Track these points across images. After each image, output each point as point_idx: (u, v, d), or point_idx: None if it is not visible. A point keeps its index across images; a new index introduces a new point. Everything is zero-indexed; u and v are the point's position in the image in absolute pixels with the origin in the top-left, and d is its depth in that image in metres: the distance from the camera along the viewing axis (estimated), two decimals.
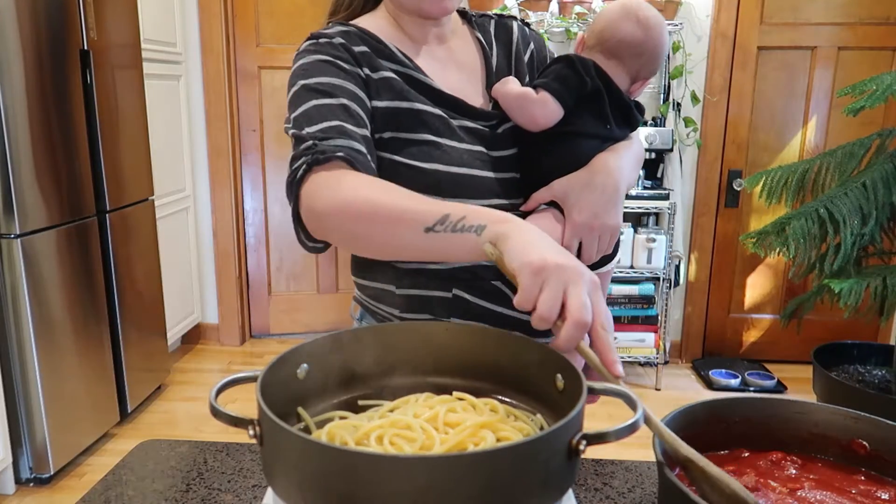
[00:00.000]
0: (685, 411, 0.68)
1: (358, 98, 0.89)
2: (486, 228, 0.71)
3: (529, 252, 0.66)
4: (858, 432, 0.67)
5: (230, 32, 3.38)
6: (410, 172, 0.91)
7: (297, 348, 0.72)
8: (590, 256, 0.93)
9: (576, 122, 0.94)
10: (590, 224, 0.91)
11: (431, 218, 0.73)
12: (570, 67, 0.94)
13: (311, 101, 0.87)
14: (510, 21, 1.08)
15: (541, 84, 0.94)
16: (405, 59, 0.95)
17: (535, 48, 1.07)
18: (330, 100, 0.86)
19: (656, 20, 0.96)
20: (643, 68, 0.97)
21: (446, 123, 0.94)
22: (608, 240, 0.93)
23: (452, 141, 0.93)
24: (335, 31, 0.94)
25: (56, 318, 2.30)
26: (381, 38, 0.95)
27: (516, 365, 0.76)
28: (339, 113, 0.85)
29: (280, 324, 3.74)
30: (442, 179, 0.91)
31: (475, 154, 0.94)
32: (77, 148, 2.39)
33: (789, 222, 2.27)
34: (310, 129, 0.84)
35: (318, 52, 0.91)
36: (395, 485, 0.52)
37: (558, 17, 3.03)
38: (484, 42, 1.03)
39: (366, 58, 0.92)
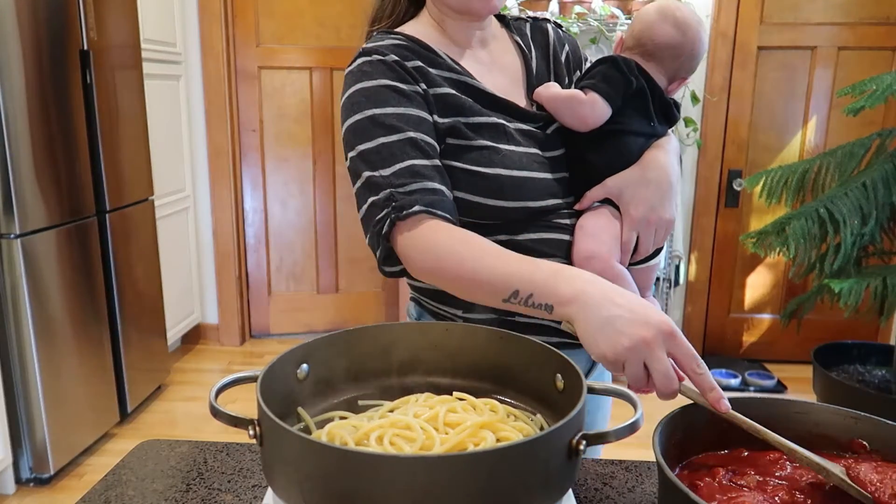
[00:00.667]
0: (685, 411, 0.68)
1: (423, 123, 0.90)
2: (554, 309, 0.76)
3: (599, 343, 0.71)
4: (858, 432, 0.67)
5: (230, 32, 3.38)
6: (472, 178, 0.92)
7: (297, 348, 0.72)
8: (647, 249, 0.97)
9: (622, 121, 0.96)
10: (647, 218, 0.94)
11: (504, 292, 0.79)
12: (615, 68, 0.96)
13: (378, 137, 0.88)
14: (545, 23, 1.09)
15: (589, 85, 0.96)
16: (456, 65, 0.96)
17: (571, 49, 1.09)
18: (397, 136, 0.88)
19: (694, 20, 0.97)
20: (681, 68, 1.00)
21: (503, 128, 0.95)
22: (663, 233, 0.97)
23: (510, 145, 0.94)
24: (387, 46, 0.93)
25: (56, 318, 2.30)
26: (431, 46, 0.96)
27: (516, 365, 0.76)
28: (408, 150, 0.87)
29: (280, 324, 3.74)
30: (504, 183, 0.92)
31: (532, 156, 0.95)
32: (77, 148, 2.39)
33: (789, 222, 2.27)
34: (384, 173, 0.87)
35: (375, 74, 0.91)
36: (395, 485, 0.52)
37: (558, 16, 3.03)
38: (523, 45, 1.04)
39: (421, 73, 0.93)
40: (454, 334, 0.79)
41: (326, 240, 3.67)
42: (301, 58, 3.44)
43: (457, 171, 0.92)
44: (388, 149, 0.88)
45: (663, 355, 0.68)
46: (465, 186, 0.91)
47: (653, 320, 0.69)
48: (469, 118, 0.93)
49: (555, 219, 0.96)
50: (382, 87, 0.90)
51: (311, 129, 3.54)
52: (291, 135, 3.54)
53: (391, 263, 0.91)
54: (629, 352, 0.69)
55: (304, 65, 3.46)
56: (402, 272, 0.92)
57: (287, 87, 3.48)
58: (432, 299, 1.01)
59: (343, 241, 3.69)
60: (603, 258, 0.92)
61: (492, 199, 0.91)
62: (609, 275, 0.90)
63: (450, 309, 0.99)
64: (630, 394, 0.67)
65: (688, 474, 0.66)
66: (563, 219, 0.96)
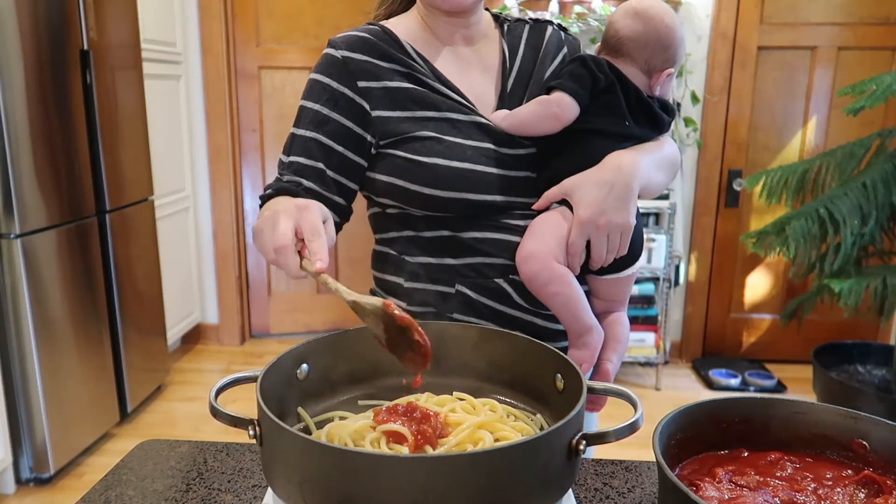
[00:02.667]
0: (685, 411, 0.68)
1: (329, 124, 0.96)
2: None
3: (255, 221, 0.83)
4: (858, 432, 0.67)
5: (230, 32, 3.38)
6: (410, 166, 0.93)
7: (297, 348, 0.73)
8: (600, 256, 0.92)
9: (590, 120, 0.94)
10: (595, 221, 0.90)
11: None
12: (582, 66, 0.96)
13: (296, 126, 0.99)
14: (545, 25, 1.09)
15: (555, 85, 0.95)
16: (419, 61, 0.98)
17: (569, 52, 1.08)
18: (301, 130, 0.97)
19: (656, 10, 0.96)
20: (652, 59, 0.97)
21: (452, 121, 0.96)
22: (618, 239, 0.92)
23: (457, 137, 0.94)
24: (345, 39, 0.99)
25: (56, 318, 2.30)
26: (402, 40, 0.98)
27: (516, 365, 0.76)
28: (303, 146, 0.97)
29: (280, 324, 3.74)
30: (440, 173, 0.92)
31: (481, 150, 0.95)
32: (77, 148, 2.39)
33: (789, 222, 2.27)
34: (283, 158, 0.99)
35: (320, 67, 0.99)
36: (395, 485, 0.52)
37: (559, 16, 3.03)
38: (507, 49, 1.04)
39: (368, 68, 0.97)
40: (454, 334, 0.79)
41: None
42: (301, 58, 3.44)
43: (398, 159, 0.95)
44: (292, 139, 0.99)
45: (288, 221, 0.74)
46: (404, 174, 0.94)
47: (295, 203, 0.77)
48: (417, 111, 0.96)
49: (505, 219, 0.95)
50: (316, 82, 0.98)
51: None
52: None
53: None
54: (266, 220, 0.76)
55: (304, 65, 3.45)
56: None
57: (287, 87, 3.48)
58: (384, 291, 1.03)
59: (343, 241, 3.69)
60: (540, 258, 0.89)
61: (427, 188, 0.93)
62: (544, 275, 0.89)
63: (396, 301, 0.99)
64: (630, 394, 0.67)
65: (688, 474, 0.66)
66: (515, 220, 0.95)
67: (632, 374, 3.33)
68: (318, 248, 0.73)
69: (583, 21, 3.02)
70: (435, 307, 0.97)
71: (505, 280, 0.95)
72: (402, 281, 0.99)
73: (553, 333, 0.97)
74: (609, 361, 0.95)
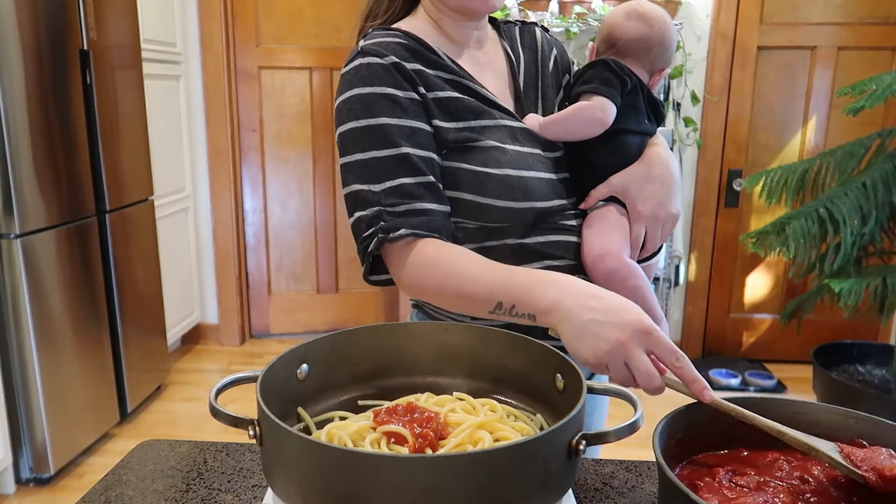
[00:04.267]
0: (685, 411, 0.68)
1: (418, 134, 0.89)
2: (536, 318, 0.79)
3: (580, 349, 0.74)
4: (858, 432, 0.67)
5: (230, 33, 3.38)
6: (480, 179, 0.91)
7: (297, 348, 0.72)
8: (654, 244, 0.98)
9: (620, 120, 0.97)
10: (655, 214, 0.95)
11: (489, 304, 0.82)
12: (608, 70, 0.97)
13: (370, 150, 0.88)
14: (533, 27, 1.10)
15: (589, 90, 0.96)
16: (455, 65, 0.96)
17: (558, 53, 1.09)
18: (390, 150, 0.87)
19: (658, 13, 1.00)
20: (656, 60, 1.01)
21: (507, 129, 0.95)
22: (670, 228, 0.98)
23: (515, 145, 0.94)
24: (386, 45, 0.91)
25: (56, 318, 2.30)
26: (431, 45, 0.95)
27: (516, 365, 0.76)
28: (399, 167, 0.87)
29: (280, 324, 3.74)
30: (513, 184, 0.91)
31: (536, 156, 0.95)
32: (77, 148, 2.39)
33: (789, 222, 2.27)
34: (374, 188, 0.87)
35: (372, 79, 0.89)
36: (395, 485, 0.52)
37: (558, 16, 3.03)
38: (510, 50, 1.04)
39: (420, 76, 0.91)
40: (454, 334, 0.79)
41: (326, 240, 3.67)
42: (301, 58, 3.44)
43: (464, 172, 0.91)
44: (379, 163, 0.88)
45: (642, 354, 0.70)
46: (473, 188, 0.91)
47: (628, 321, 0.71)
48: (473, 120, 0.93)
49: (560, 220, 0.96)
50: (378, 95, 0.89)
51: (311, 129, 3.54)
52: (291, 135, 3.54)
53: (376, 273, 0.94)
54: (609, 355, 0.71)
55: (304, 65, 3.46)
56: (387, 281, 0.94)
57: (287, 88, 3.48)
58: (434, 308, 1.00)
59: (343, 241, 3.69)
60: (614, 255, 0.92)
61: (500, 201, 0.91)
62: (623, 271, 0.91)
63: (455, 316, 0.98)
64: (630, 394, 0.67)
65: (688, 474, 0.66)
66: (568, 220, 0.96)
67: None
68: (696, 375, 0.69)
69: (583, 21, 3.02)
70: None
71: None
72: None
73: None
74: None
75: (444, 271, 0.85)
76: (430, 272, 0.86)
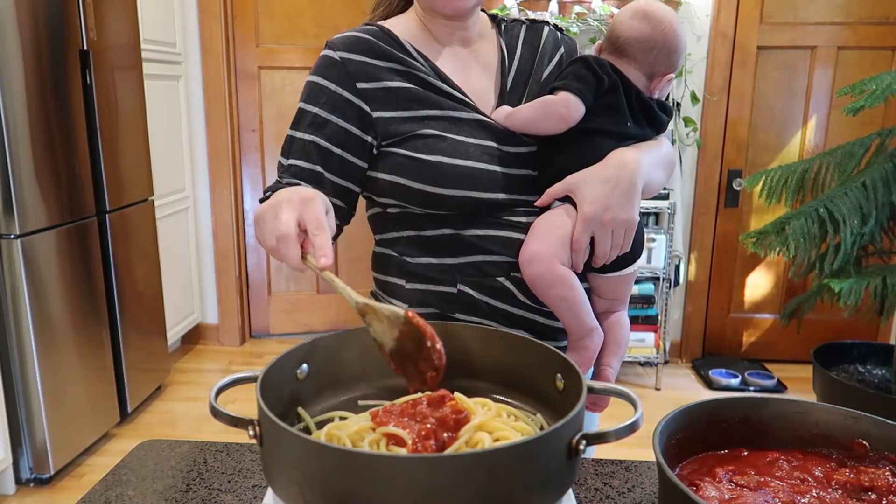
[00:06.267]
0: (685, 411, 0.68)
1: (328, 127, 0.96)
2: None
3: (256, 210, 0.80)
4: (858, 432, 0.67)
5: (230, 33, 3.38)
6: (414, 164, 0.93)
7: (297, 348, 0.72)
8: (604, 252, 0.92)
9: (593, 119, 0.94)
10: (600, 217, 0.89)
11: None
12: (585, 66, 0.95)
13: (294, 128, 0.99)
14: (542, 25, 1.09)
15: (560, 85, 0.95)
16: (420, 59, 0.98)
17: (566, 52, 1.08)
18: (300, 133, 0.97)
19: (665, 15, 0.97)
20: (657, 63, 0.97)
21: (455, 119, 0.95)
22: (622, 235, 0.92)
23: (460, 135, 0.94)
24: (343, 39, 0.98)
25: (56, 318, 2.29)
26: (402, 39, 0.98)
27: (516, 365, 0.76)
28: (299, 150, 0.97)
29: (280, 324, 3.74)
30: (444, 171, 0.92)
31: (484, 148, 0.95)
32: (77, 148, 2.39)
33: (789, 222, 2.27)
34: (282, 161, 0.99)
35: (318, 69, 0.98)
36: (395, 485, 0.52)
37: (558, 16, 3.03)
38: (505, 47, 1.04)
39: (367, 69, 0.96)
40: (454, 334, 0.79)
41: None
42: (301, 58, 3.44)
43: (401, 158, 0.94)
44: (290, 141, 0.98)
45: (290, 212, 0.73)
46: (407, 173, 0.94)
47: (298, 194, 0.76)
48: (418, 110, 0.95)
49: (507, 216, 0.95)
50: (314, 84, 0.98)
51: None
52: None
53: None
54: (267, 209, 0.75)
55: (304, 65, 3.45)
56: None
57: (287, 87, 3.48)
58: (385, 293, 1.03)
59: (343, 241, 3.67)
60: (544, 260, 0.89)
61: (432, 187, 0.92)
62: (547, 277, 0.89)
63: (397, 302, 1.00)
64: (630, 394, 0.67)
65: (688, 474, 0.66)
66: (518, 216, 0.95)
67: (632, 373, 3.33)
68: (323, 244, 0.71)
69: (582, 21, 3.02)
70: (437, 308, 0.96)
71: (507, 278, 0.95)
72: (404, 282, 0.99)
73: (555, 331, 0.97)
74: (609, 367, 0.95)
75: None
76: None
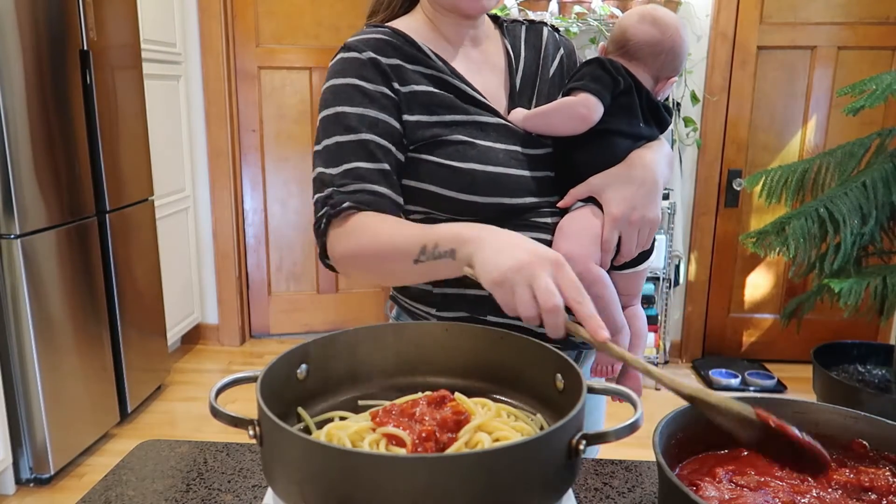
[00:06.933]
0: (685, 411, 0.68)
1: (380, 125, 0.92)
2: (456, 252, 0.78)
3: (490, 269, 0.73)
4: (858, 432, 0.67)
5: (230, 33, 3.38)
6: (445, 172, 0.92)
7: (297, 348, 0.72)
8: (629, 251, 0.95)
9: (609, 121, 0.96)
10: (628, 217, 0.92)
11: (413, 251, 0.81)
12: (601, 68, 0.97)
13: (334, 135, 0.92)
14: (541, 26, 1.10)
15: (578, 86, 0.96)
16: (440, 62, 0.97)
17: (566, 53, 1.09)
18: (350, 136, 0.91)
19: (672, 20, 0.99)
20: (664, 67, 1.00)
21: (481, 125, 0.95)
22: (647, 234, 0.95)
23: (487, 141, 0.94)
24: (366, 41, 0.95)
25: (56, 318, 2.30)
26: (417, 41, 0.96)
27: (516, 365, 0.76)
28: (358, 151, 0.91)
29: (280, 324, 3.74)
30: (477, 178, 0.92)
31: (510, 153, 0.95)
32: (77, 148, 2.39)
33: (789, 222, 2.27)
34: (331, 171, 0.91)
35: (346, 72, 0.94)
36: (395, 485, 0.52)
37: (558, 16, 3.03)
38: (511, 48, 1.04)
39: (396, 71, 0.94)
40: (454, 334, 0.79)
41: None
42: (301, 58, 3.44)
43: (431, 165, 0.93)
44: (339, 148, 0.91)
45: (548, 277, 0.70)
46: (439, 181, 0.92)
47: (540, 249, 0.72)
48: (446, 115, 0.94)
49: (534, 217, 0.95)
50: (349, 86, 0.93)
51: (311, 129, 3.54)
52: (291, 135, 3.54)
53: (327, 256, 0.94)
54: (513, 272, 0.70)
55: (304, 65, 3.46)
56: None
57: (287, 87, 3.48)
58: (409, 298, 1.02)
59: None
60: (579, 260, 0.90)
61: (464, 194, 0.92)
62: (586, 277, 0.89)
63: (423, 307, 0.99)
64: (630, 394, 0.67)
65: (688, 474, 0.66)
66: (543, 217, 0.96)
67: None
68: (592, 313, 0.68)
69: (582, 21, 3.02)
70: (467, 311, 0.96)
71: None
72: (431, 287, 0.98)
73: None
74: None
75: (374, 232, 0.87)
76: (360, 235, 0.87)
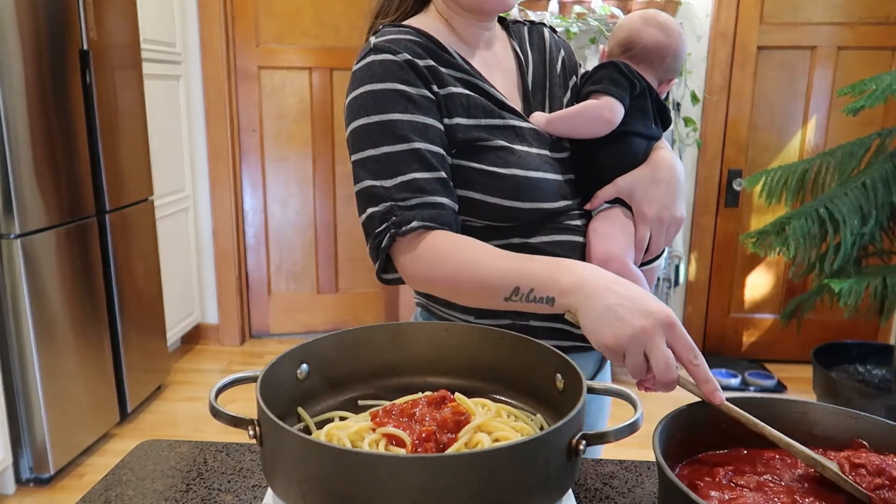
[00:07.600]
0: (685, 411, 0.68)
1: (430, 130, 0.89)
2: (556, 301, 0.77)
3: (601, 331, 0.72)
4: (858, 432, 0.67)
5: (230, 32, 3.38)
6: (488, 179, 0.91)
7: (297, 348, 0.72)
8: (658, 248, 0.98)
9: (628, 122, 0.97)
10: (660, 217, 0.95)
11: (505, 290, 0.80)
12: (618, 72, 0.99)
13: (382, 144, 0.87)
14: (542, 27, 1.10)
15: (599, 90, 0.97)
16: (466, 64, 0.95)
17: (566, 54, 1.09)
18: (402, 146, 0.87)
19: (674, 24, 1.03)
20: (668, 69, 1.03)
21: (516, 129, 0.95)
22: (674, 231, 0.98)
23: (523, 146, 0.94)
24: (399, 42, 0.91)
25: (56, 318, 2.29)
26: (443, 43, 0.94)
27: (516, 365, 0.76)
28: (411, 162, 0.87)
29: (280, 324, 3.74)
30: (520, 184, 0.91)
31: (543, 157, 0.95)
32: (77, 148, 2.39)
33: (789, 222, 2.27)
34: (385, 184, 0.87)
35: (385, 75, 0.89)
36: (395, 485, 0.52)
37: (558, 16, 3.03)
38: (519, 50, 1.04)
39: (433, 73, 0.91)
40: (454, 334, 0.79)
41: (326, 240, 3.67)
42: (301, 58, 3.44)
43: (472, 171, 0.91)
44: (391, 159, 0.87)
45: (663, 345, 0.69)
46: (481, 188, 0.91)
47: (653, 310, 0.70)
48: (483, 119, 0.93)
49: (566, 220, 0.96)
50: (390, 91, 0.88)
51: (311, 129, 3.54)
52: (291, 135, 3.54)
53: (389, 271, 0.92)
54: (630, 341, 0.69)
55: (304, 65, 3.46)
56: (400, 280, 0.93)
57: (287, 87, 3.48)
58: (442, 305, 1.00)
59: (343, 241, 3.69)
60: (620, 260, 0.92)
61: (507, 201, 0.91)
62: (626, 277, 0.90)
63: (460, 315, 0.98)
64: (630, 394, 0.67)
65: (688, 474, 0.66)
66: (573, 220, 0.96)
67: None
68: (707, 375, 0.68)
69: (583, 21, 3.02)
70: (510, 318, 0.95)
71: None
72: None
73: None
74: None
75: (458, 260, 0.84)
76: (442, 262, 0.85)
